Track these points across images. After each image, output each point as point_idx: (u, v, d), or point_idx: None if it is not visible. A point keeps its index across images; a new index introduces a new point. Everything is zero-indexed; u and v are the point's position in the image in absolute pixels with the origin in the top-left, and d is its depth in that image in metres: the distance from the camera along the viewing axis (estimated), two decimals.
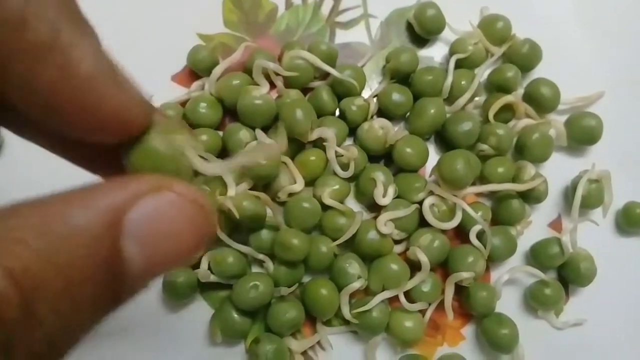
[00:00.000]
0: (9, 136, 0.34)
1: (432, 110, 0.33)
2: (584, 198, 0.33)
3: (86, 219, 0.12)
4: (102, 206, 0.13)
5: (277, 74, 0.33)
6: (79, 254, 0.12)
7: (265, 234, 0.31)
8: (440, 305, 0.32)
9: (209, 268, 0.31)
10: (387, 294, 0.31)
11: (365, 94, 0.36)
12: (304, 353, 0.32)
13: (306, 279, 0.32)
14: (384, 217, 0.31)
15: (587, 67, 0.37)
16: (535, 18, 0.38)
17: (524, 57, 0.36)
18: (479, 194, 0.34)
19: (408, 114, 0.35)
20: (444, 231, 0.32)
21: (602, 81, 0.37)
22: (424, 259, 0.31)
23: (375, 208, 0.33)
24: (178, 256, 0.14)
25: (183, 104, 0.34)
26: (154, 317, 0.32)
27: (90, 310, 0.13)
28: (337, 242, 0.31)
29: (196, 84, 0.35)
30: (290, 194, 0.32)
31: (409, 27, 0.37)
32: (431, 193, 0.32)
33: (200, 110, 0.33)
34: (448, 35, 0.36)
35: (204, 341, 0.32)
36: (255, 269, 0.33)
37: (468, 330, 0.33)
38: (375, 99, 0.35)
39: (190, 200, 0.14)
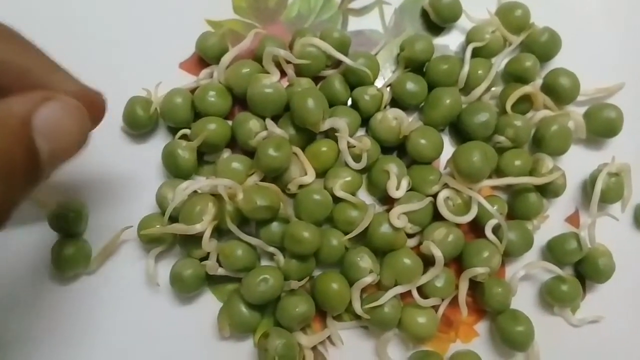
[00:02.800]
0: None
1: (448, 101, 0.32)
2: (603, 192, 0.32)
3: (6, 120, 0.19)
4: (16, 112, 0.19)
5: (288, 62, 0.32)
6: (5, 143, 0.18)
7: (275, 226, 0.31)
8: (454, 301, 0.31)
9: (218, 261, 0.30)
10: (399, 289, 0.30)
11: (379, 83, 0.35)
12: (314, 348, 0.31)
13: (316, 272, 0.32)
14: (397, 210, 0.30)
15: (608, 57, 0.36)
16: (555, 6, 0.36)
17: (543, 47, 0.34)
18: (494, 187, 0.33)
19: (422, 104, 0.34)
20: (458, 225, 0.31)
21: (622, 72, 0.36)
22: (437, 253, 0.30)
23: (387, 201, 0.32)
24: (71, 147, 0.21)
25: (192, 91, 0.33)
26: (162, 311, 0.32)
27: (16, 182, 0.19)
28: (349, 235, 0.30)
29: (205, 72, 0.34)
30: (301, 186, 0.31)
31: (424, 14, 0.36)
32: (446, 186, 0.31)
33: (209, 98, 0.32)
34: (464, 23, 0.35)
35: (213, 335, 0.31)
36: (264, 262, 0.32)
37: (482, 326, 0.32)
38: (388, 89, 0.34)
39: (73, 106, 0.21)
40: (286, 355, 0.29)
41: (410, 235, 0.32)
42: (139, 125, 0.33)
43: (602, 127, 0.34)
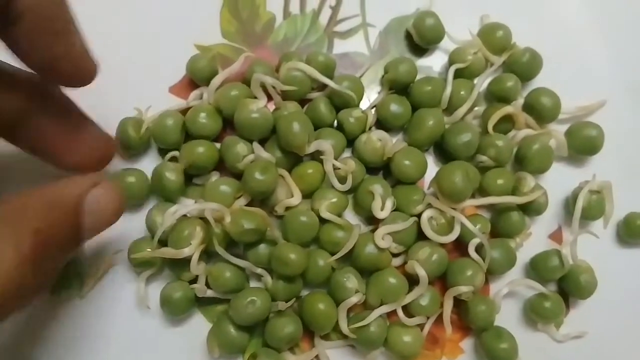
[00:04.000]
0: None
1: (431, 122, 0.33)
2: (585, 209, 0.33)
3: (60, 201, 0.23)
4: (69, 195, 0.23)
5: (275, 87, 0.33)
6: (58, 221, 0.22)
7: (262, 248, 0.31)
8: (439, 319, 0.31)
9: (207, 283, 0.31)
10: (385, 309, 0.31)
11: (364, 105, 0.35)
12: None
13: (304, 292, 0.32)
14: (381, 230, 0.31)
15: (588, 76, 0.37)
16: (536, 27, 0.37)
17: (524, 67, 0.35)
18: (478, 206, 0.34)
19: (407, 125, 0.35)
20: (442, 244, 0.32)
21: (603, 90, 0.36)
22: (422, 272, 0.30)
23: (373, 221, 0.33)
24: (107, 224, 0.25)
25: (182, 112, 0.34)
26: (152, 332, 0.32)
27: (59, 254, 0.23)
28: (335, 257, 0.31)
29: (194, 93, 0.35)
30: (288, 208, 0.32)
31: (408, 36, 0.37)
32: (429, 206, 0.32)
33: (201, 120, 0.33)
34: (447, 44, 0.36)
35: (202, 356, 0.32)
36: (253, 283, 0.32)
37: (467, 343, 0.33)
38: (373, 110, 0.35)
39: (115, 190, 0.24)
40: None
41: (395, 255, 0.32)
42: (130, 146, 0.33)
43: (583, 145, 0.35)
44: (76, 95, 0.35)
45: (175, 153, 0.33)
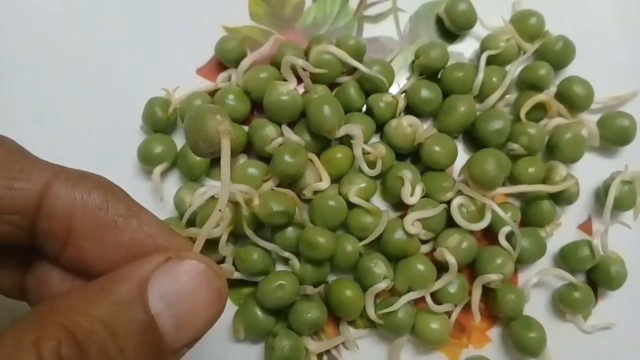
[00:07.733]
0: None
1: (462, 108, 0.33)
2: (616, 200, 0.32)
3: (120, 288, 0.16)
4: (131, 277, 0.17)
5: (305, 70, 0.32)
6: (118, 312, 0.16)
7: (290, 231, 0.31)
8: (467, 307, 0.31)
9: (234, 265, 0.31)
10: (413, 295, 0.30)
11: (394, 90, 0.35)
12: (328, 352, 0.32)
13: (330, 277, 0.32)
14: (411, 216, 0.31)
15: (621, 66, 0.36)
16: (569, 14, 0.37)
17: (557, 55, 0.35)
18: (508, 194, 0.33)
19: (437, 111, 0.34)
20: (472, 232, 0.31)
21: (636, 80, 0.36)
22: (451, 260, 0.30)
23: (401, 207, 0.33)
24: (201, 314, 0.18)
25: (210, 94, 0.34)
26: None
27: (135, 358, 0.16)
28: (364, 242, 0.30)
29: (222, 75, 0.35)
30: (316, 192, 0.32)
31: (439, 21, 0.36)
32: (459, 193, 0.31)
33: (229, 102, 0.33)
34: (479, 30, 0.36)
35: (227, 337, 0.32)
36: (279, 267, 0.32)
37: (494, 332, 0.33)
38: (403, 96, 0.34)
39: (201, 265, 0.18)
40: (291, 357, 0.29)
41: (423, 242, 0.32)
42: (158, 125, 0.33)
43: (615, 135, 0.34)
44: (106, 75, 0.35)
45: None
